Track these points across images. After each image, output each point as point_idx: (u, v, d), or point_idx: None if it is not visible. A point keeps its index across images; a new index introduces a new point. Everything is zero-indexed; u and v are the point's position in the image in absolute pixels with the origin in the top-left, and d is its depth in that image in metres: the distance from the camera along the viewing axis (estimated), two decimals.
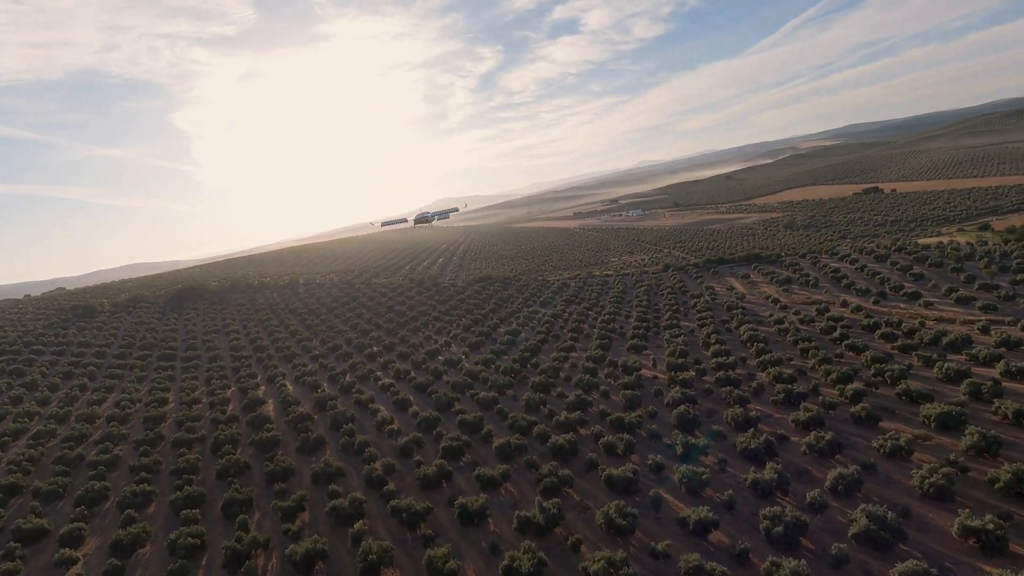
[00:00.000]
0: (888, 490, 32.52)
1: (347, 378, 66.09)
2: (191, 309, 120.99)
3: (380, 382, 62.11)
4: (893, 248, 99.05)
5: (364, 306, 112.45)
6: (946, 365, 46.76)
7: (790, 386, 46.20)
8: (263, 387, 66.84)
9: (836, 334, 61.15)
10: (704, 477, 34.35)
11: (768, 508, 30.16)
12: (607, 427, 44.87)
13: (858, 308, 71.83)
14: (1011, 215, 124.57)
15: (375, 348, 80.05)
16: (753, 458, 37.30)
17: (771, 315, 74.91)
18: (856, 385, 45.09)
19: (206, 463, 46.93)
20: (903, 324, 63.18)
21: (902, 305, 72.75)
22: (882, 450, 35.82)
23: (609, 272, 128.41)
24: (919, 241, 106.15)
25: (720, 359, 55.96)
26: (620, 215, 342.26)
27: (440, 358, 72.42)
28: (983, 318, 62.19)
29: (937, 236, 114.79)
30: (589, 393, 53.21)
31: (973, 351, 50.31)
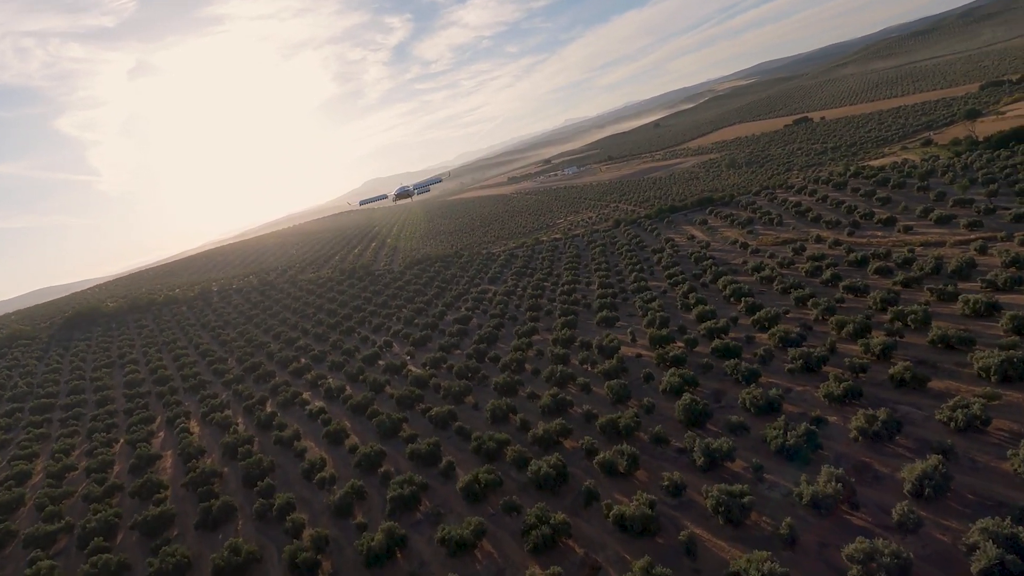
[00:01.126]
0: (982, 482, 24.69)
1: (267, 407, 53.87)
2: (82, 340, 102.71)
3: (308, 408, 50.29)
4: (849, 174, 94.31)
5: (289, 309, 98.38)
6: (972, 299, 40.05)
7: (805, 349, 38.19)
8: (161, 434, 53.58)
9: (826, 276, 54.18)
10: (745, 500, 25.53)
11: (852, 546, 21.52)
12: (597, 434, 35.53)
13: (836, 243, 65.63)
14: (947, 128, 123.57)
15: (302, 361, 67.61)
16: (793, 456, 28.89)
17: (745, 262, 67.74)
18: (882, 338, 37.57)
19: (70, 567, 34.38)
20: (893, 255, 57.13)
21: (879, 233, 67.06)
22: (952, 424, 28.10)
23: (557, 235, 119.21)
24: (871, 163, 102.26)
25: (709, 323, 47.55)
26: (556, 175, 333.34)
27: (381, 363, 61.06)
28: (973, 236, 56.84)
29: (883, 157, 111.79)
30: (565, 388, 43.77)
31: (988, 277, 44.10)
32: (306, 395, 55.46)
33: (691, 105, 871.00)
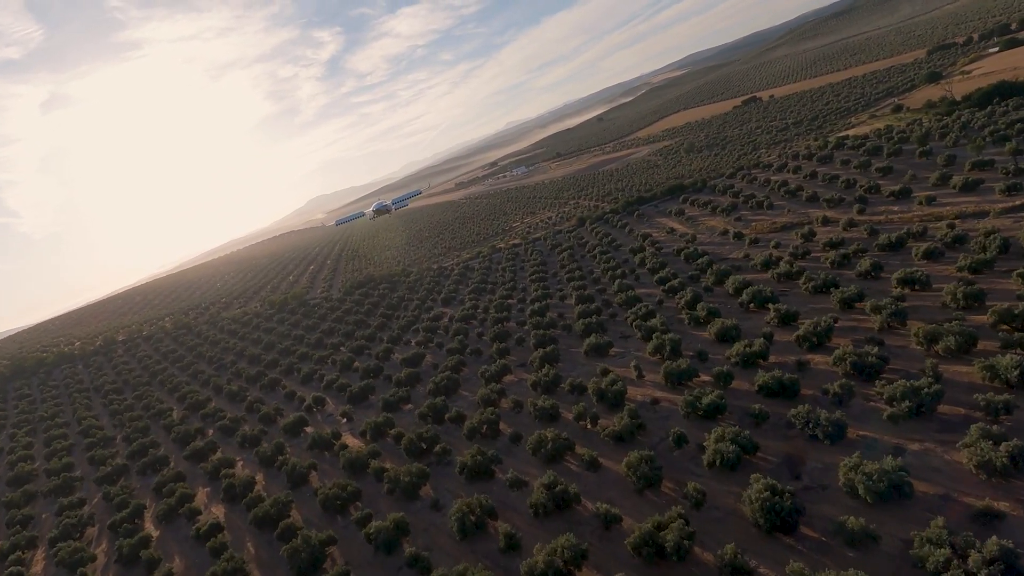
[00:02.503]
0: None
1: (145, 523, 38.44)
2: None
3: (197, 523, 35.29)
4: (831, 146, 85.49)
5: (204, 358, 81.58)
6: None
7: (904, 382, 26.39)
8: None
9: (863, 266, 43.21)
10: None
11: None
12: (629, 558, 22.56)
13: (850, 223, 55.28)
14: (911, 93, 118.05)
15: (210, 433, 52.34)
16: None
17: (747, 256, 56.73)
18: (1012, 356, 26.09)
19: None
20: (931, 233, 47.02)
21: (895, 208, 57.27)
22: None
23: (516, 241, 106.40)
24: (849, 133, 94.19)
25: (739, 346, 35.46)
26: (505, 176, 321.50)
27: (308, 430, 46.52)
28: (1019, 202, 47.34)
29: (855, 127, 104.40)
30: (561, 462, 30.72)
31: None
32: (201, 496, 40.27)
33: (630, 98, 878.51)
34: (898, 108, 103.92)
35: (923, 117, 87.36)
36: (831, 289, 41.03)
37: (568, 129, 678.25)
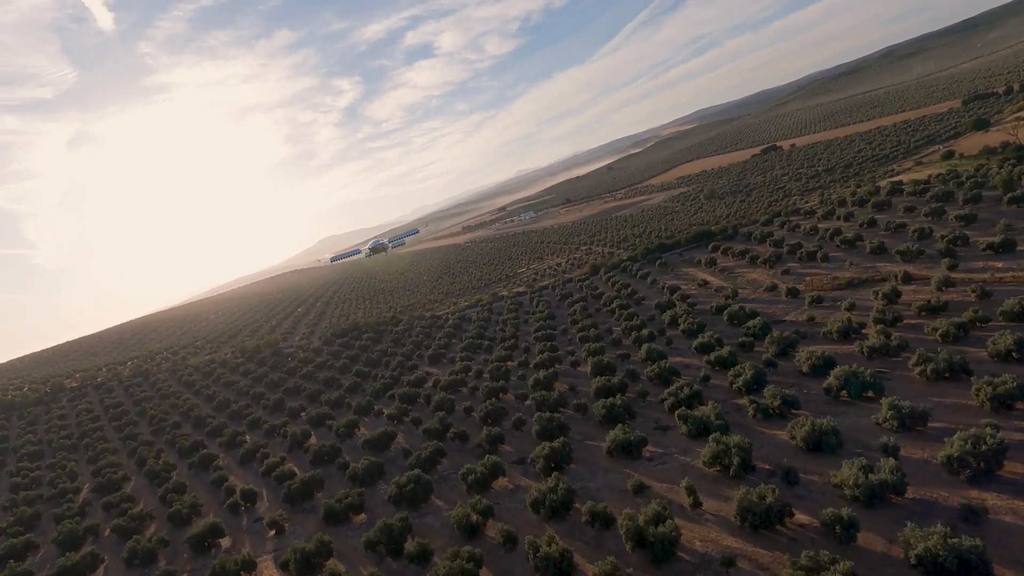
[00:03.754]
0: None
1: None
2: None
3: None
4: (885, 191, 74.55)
5: (146, 416, 69.09)
6: None
7: None
8: None
9: (1006, 344, 30.83)
10: None
11: None
12: None
13: (946, 282, 43.30)
14: (957, 140, 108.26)
15: (105, 533, 39.62)
16: None
17: (809, 318, 44.80)
18: None
19: None
20: None
21: (999, 264, 45.41)
22: None
23: (520, 288, 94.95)
24: (902, 179, 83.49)
25: (852, 472, 22.84)
26: (512, 220, 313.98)
27: (221, 544, 33.74)
28: None
29: (898, 174, 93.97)
30: None
31: None
32: None
33: (639, 149, 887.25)
34: (949, 154, 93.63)
35: (987, 162, 76.65)
36: (964, 375, 28.73)
37: (578, 177, 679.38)
